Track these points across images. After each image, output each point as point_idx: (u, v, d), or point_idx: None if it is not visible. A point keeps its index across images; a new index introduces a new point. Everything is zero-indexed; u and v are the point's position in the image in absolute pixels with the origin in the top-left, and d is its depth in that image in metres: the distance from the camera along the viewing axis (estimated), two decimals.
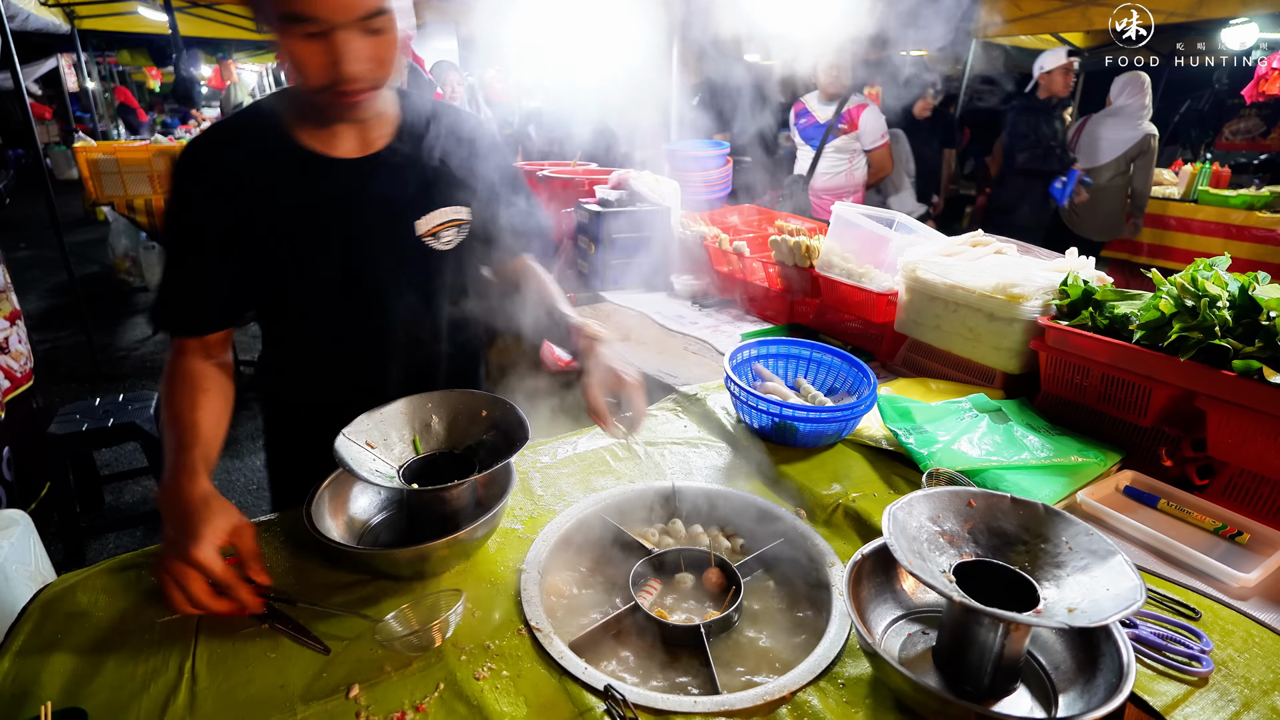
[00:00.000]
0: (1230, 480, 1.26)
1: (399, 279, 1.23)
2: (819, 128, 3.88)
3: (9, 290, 3.13)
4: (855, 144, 3.82)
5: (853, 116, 3.78)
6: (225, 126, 1.16)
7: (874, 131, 3.78)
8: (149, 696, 0.84)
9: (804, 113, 3.99)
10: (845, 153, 3.85)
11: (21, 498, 2.94)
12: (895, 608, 1.00)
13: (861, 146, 3.82)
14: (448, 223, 1.24)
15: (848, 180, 3.89)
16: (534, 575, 1.06)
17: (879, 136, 3.79)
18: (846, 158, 3.86)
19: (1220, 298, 1.23)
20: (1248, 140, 8.17)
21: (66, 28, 7.19)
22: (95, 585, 1.02)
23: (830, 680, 0.89)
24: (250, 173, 1.11)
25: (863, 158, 3.86)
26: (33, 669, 0.87)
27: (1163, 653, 0.91)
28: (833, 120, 3.79)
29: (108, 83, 11.60)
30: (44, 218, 4.14)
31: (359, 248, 1.18)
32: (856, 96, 3.79)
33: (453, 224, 1.25)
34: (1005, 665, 0.84)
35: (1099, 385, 1.40)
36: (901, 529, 0.88)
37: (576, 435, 1.50)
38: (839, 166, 3.87)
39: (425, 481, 1.10)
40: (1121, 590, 0.78)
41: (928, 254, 1.79)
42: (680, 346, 2.16)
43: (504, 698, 0.85)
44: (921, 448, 1.31)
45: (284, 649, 0.92)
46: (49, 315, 5.79)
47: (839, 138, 3.82)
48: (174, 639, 0.93)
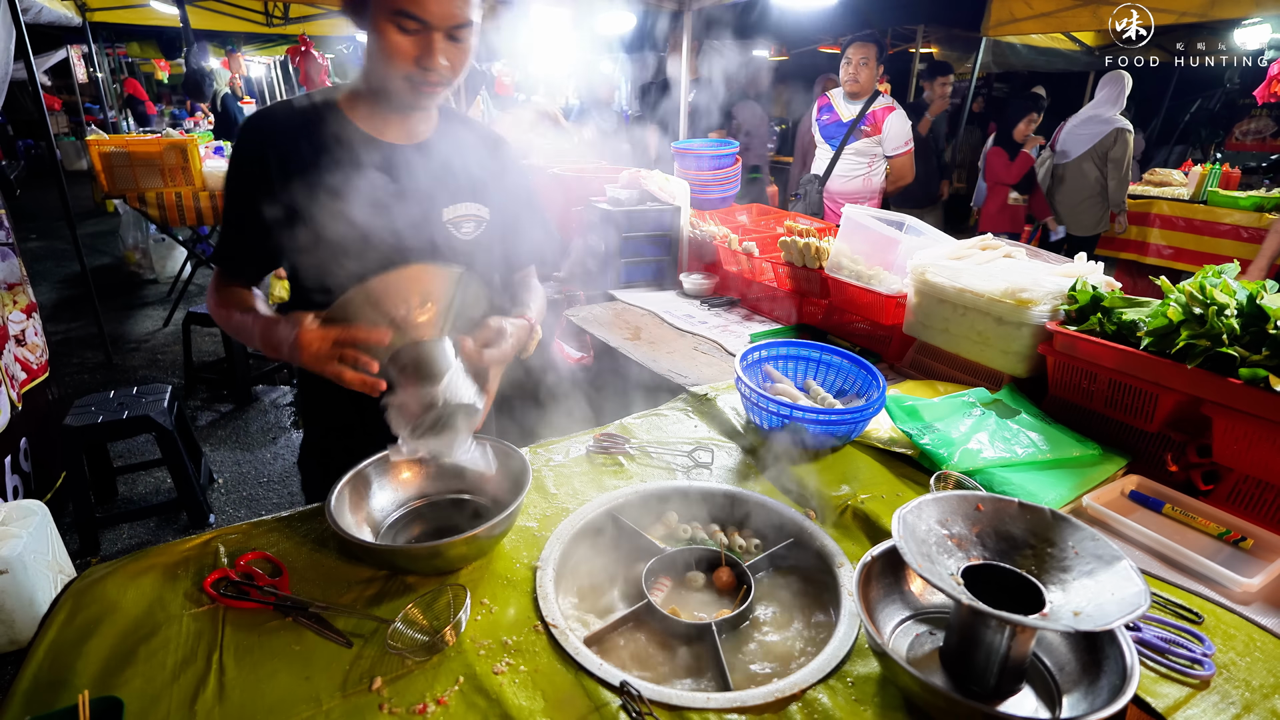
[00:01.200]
0: (1235, 486, 1.27)
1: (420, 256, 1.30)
2: (841, 126, 3.73)
3: (25, 283, 3.17)
4: (876, 148, 3.67)
5: (877, 119, 3.63)
6: (288, 104, 1.28)
7: (898, 137, 3.62)
8: (179, 686, 0.87)
9: (827, 108, 3.83)
10: (865, 156, 3.70)
11: (37, 488, 2.98)
12: (903, 608, 1.03)
13: (883, 151, 3.68)
14: (470, 215, 1.35)
15: (865, 185, 3.75)
16: (549, 573, 1.09)
17: (903, 143, 3.63)
18: (866, 161, 3.71)
19: (1228, 306, 1.24)
20: (1258, 141, 8.11)
21: (78, 20, 7.21)
22: (124, 577, 1.05)
23: (840, 679, 0.91)
24: (307, 145, 1.23)
25: (883, 162, 3.71)
26: (66, 659, 0.90)
27: (1165, 655, 0.93)
28: (856, 120, 3.65)
29: (118, 74, 11.62)
30: (54, 209, 4.18)
31: (392, 222, 1.28)
32: (884, 99, 3.65)
33: (473, 218, 1.35)
34: (1011, 666, 0.86)
35: (1106, 390, 1.42)
36: (911, 532, 0.90)
37: (588, 435, 1.52)
38: (857, 170, 3.73)
39: None
40: (1126, 595, 0.80)
41: (937, 257, 1.81)
42: (689, 346, 2.18)
43: (522, 692, 0.88)
44: (940, 448, 1.33)
45: (307, 642, 0.95)
46: (61, 306, 5.84)
47: (860, 140, 3.68)
48: (202, 631, 0.96)
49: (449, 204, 1.32)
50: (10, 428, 2.78)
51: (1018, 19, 5.54)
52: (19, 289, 3.11)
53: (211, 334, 5.05)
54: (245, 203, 1.25)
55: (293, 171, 1.22)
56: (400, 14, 1.09)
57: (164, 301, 5.98)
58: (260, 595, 1.01)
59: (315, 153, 1.23)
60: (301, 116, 1.25)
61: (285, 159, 1.22)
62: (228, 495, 3.35)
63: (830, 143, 3.85)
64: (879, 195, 3.83)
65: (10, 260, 3.07)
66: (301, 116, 1.25)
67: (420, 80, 1.16)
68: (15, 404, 2.87)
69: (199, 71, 6.99)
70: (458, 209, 1.33)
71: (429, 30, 1.11)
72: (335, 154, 1.24)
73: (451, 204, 1.33)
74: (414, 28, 1.10)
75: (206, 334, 4.97)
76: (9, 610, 2.23)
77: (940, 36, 8.45)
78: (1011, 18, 5.57)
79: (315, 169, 1.23)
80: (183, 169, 5.03)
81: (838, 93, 3.79)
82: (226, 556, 1.09)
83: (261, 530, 1.18)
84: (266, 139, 1.23)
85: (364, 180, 1.24)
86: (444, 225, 1.32)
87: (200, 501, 3.05)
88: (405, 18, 1.09)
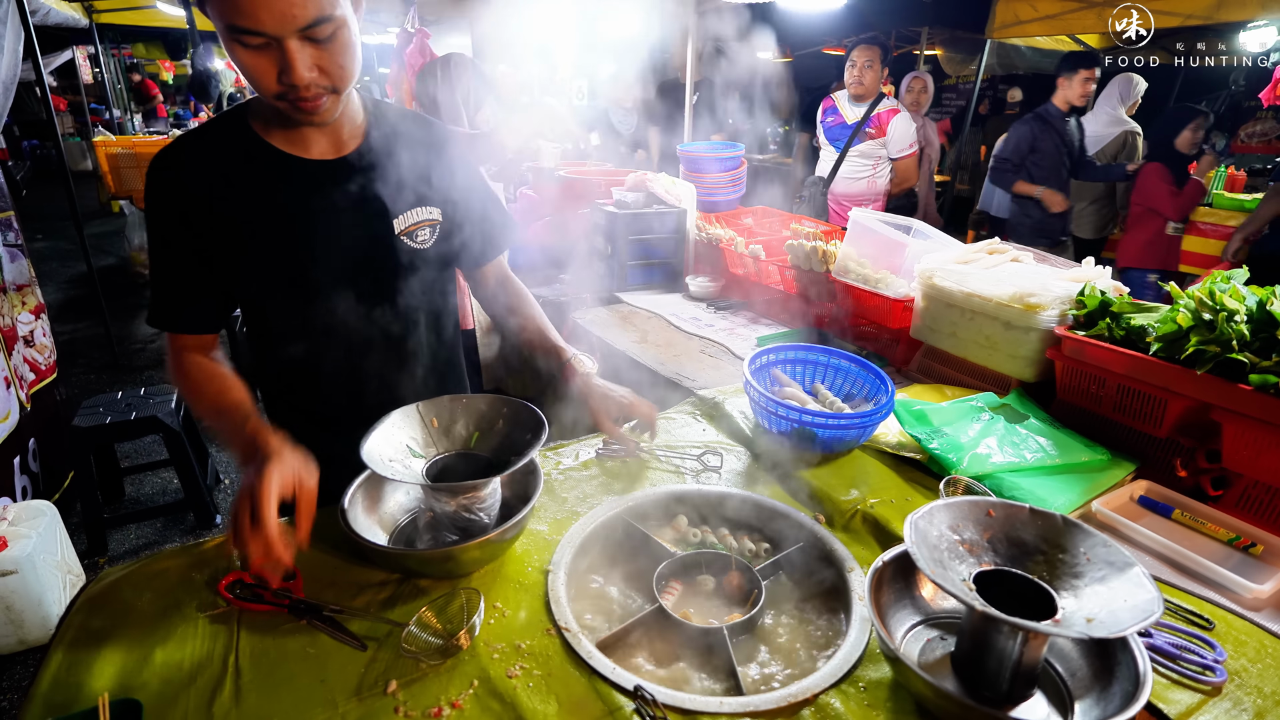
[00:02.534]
0: (1244, 492, 1.27)
1: (378, 275, 1.26)
2: (845, 129, 3.75)
3: (34, 284, 3.19)
4: (881, 150, 3.69)
5: (881, 121, 3.65)
6: (196, 133, 1.18)
7: (902, 139, 3.64)
8: (196, 689, 0.88)
9: (832, 110, 3.86)
10: (870, 158, 3.72)
11: (45, 488, 2.99)
12: (914, 613, 1.03)
13: (888, 154, 3.70)
14: (422, 222, 1.28)
15: (869, 187, 3.76)
16: (561, 576, 1.09)
17: (908, 145, 3.65)
18: (871, 163, 3.73)
19: (1238, 312, 1.24)
20: (1264, 143, 8.09)
21: (85, 22, 7.25)
22: (139, 580, 1.05)
23: (852, 683, 0.92)
24: (223, 175, 1.14)
25: (888, 165, 3.72)
26: (84, 661, 0.91)
27: (1177, 662, 0.93)
28: (860, 122, 3.67)
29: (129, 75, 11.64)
30: (60, 209, 4.20)
31: (337, 245, 1.21)
32: (888, 101, 3.67)
33: (426, 224, 1.29)
34: (1023, 672, 0.86)
35: (1115, 395, 1.42)
36: (923, 538, 0.91)
37: (597, 438, 1.52)
38: (862, 172, 3.75)
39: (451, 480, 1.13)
40: (1139, 602, 0.80)
41: (944, 261, 1.81)
42: (696, 349, 2.19)
43: (536, 696, 0.88)
44: (949, 453, 1.33)
45: (322, 645, 0.95)
46: (67, 307, 5.86)
47: (864, 142, 3.69)
48: (217, 633, 0.96)
49: (398, 214, 1.24)
50: (19, 428, 2.79)
51: (1022, 21, 5.55)
52: (28, 290, 3.12)
53: None
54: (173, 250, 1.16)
55: (219, 210, 1.13)
56: (236, 30, 0.96)
57: None
58: (274, 598, 1.01)
59: (238, 185, 1.14)
60: (215, 147, 1.15)
61: (207, 197, 1.13)
62: (234, 495, 3.36)
63: (835, 145, 3.86)
64: (884, 198, 3.83)
65: (19, 261, 3.09)
66: (215, 147, 1.15)
67: (295, 98, 1.03)
68: (24, 405, 2.88)
69: (205, 72, 7.02)
70: (409, 217, 1.25)
71: (277, 42, 0.97)
72: (260, 184, 1.15)
73: (401, 213, 1.24)
74: (258, 42, 0.97)
75: None
76: (18, 610, 2.24)
77: (945, 39, 8.47)
78: (1016, 20, 5.57)
79: (243, 203, 1.14)
80: None
81: (842, 95, 3.80)
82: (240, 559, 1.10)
83: None
84: (181, 178, 1.13)
85: (300, 207, 1.16)
86: (399, 238, 1.25)
87: (207, 502, 3.06)
88: (243, 34, 0.96)
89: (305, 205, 1.17)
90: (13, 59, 3.63)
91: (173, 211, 1.14)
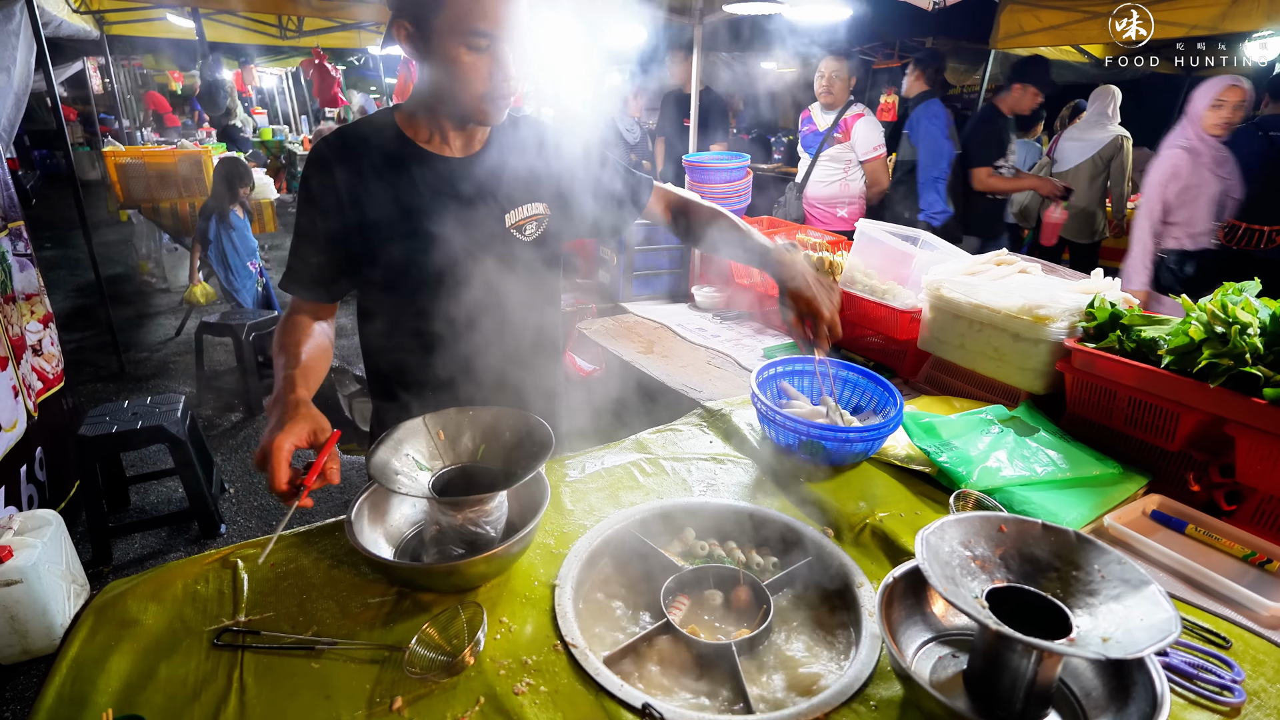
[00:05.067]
0: (1259, 507, 1.26)
1: (489, 263, 1.35)
2: (818, 136, 3.92)
3: (43, 294, 3.20)
4: (850, 154, 3.83)
5: (847, 125, 3.79)
6: (350, 129, 1.31)
7: (867, 142, 3.77)
8: (200, 705, 0.87)
9: (808, 119, 4.04)
10: (839, 162, 3.87)
11: (51, 497, 3.00)
12: (925, 630, 1.02)
13: (856, 157, 3.83)
14: (530, 217, 1.38)
15: (842, 190, 3.90)
16: (568, 591, 1.08)
17: (872, 148, 3.78)
18: (841, 167, 3.87)
19: (1251, 324, 1.23)
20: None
21: (96, 33, 7.32)
22: (145, 593, 1.05)
23: (863, 701, 0.90)
24: (372, 167, 1.27)
25: (859, 168, 3.86)
26: (89, 675, 0.90)
27: (1195, 681, 0.92)
28: (830, 129, 3.83)
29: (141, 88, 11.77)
30: (68, 218, 4.23)
31: (461, 234, 1.31)
32: (855, 106, 3.81)
33: (533, 218, 1.39)
34: (1037, 691, 0.85)
35: (1126, 408, 1.41)
36: (934, 554, 0.89)
37: (604, 450, 1.52)
38: (833, 175, 3.90)
39: (457, 493, 1.12)
40: (1156, 621, 0.79)
41: (952, 272, 1.80)
42: (703, 360, 2.18)
43: (543, 713, 0.87)
44: (959, 467, 1.32)
45: (326, 661, 0.95)
46: (74, 315, 5.89)
47: (833, 146, 3.85)
48: (222, 648, 0.96)
49: (511, 208, 1.35)
50: (26, 437, 2.80)
51: (1026, 32, 5.55)
52: (36, 299, 3.14)
53: (223, 343, 5.07)
54: (315, 223, 1.28)
55: (361, 193, 1.26)
56: (474, 34, 1.11)
57: (176, 311, 6.02)
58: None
59: (382, 174, 1.26)
60: (366, 140, 1.29)
61: (354, 180, 1.26)
62: (239, 505, 3.36)
63: (809, 151, 4.03)
64: (859, 200, 3.96)
65: (29, 271, 3.11)
66: (366, 140, 1.29)
67: (496, 95, 1.18)
68: (32, 413, 2.89)
69: (214, 83, 7.09)
70: (519, 212, 1.37)
71: (498, 44, 1.13)
72: (401, 174, 1.28)
73: (514, 208, 1.36)
74: (485, 44, 1.13)
75: (218, 343, 5.00)
76: (23, 620, 2.24)
77: (949, 49, 8.48)
78: (1020, 30, 5.57)
79: (383, 190, 1.26)
80: (196, 180, 5.10)
81: (816, 105, 3.97)
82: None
83: (279, 544, 1.18)
84: (336, 161, 1.26)
85: (431, 198, 1.28)
86: (508, 232, 1.35)
87: (212, 511, 3.06)
88: (478, 36, 1.11)
89: (438, 196, 1.29)
90: (25, 71, 3.67)
91: (320, 192, 1.26)
